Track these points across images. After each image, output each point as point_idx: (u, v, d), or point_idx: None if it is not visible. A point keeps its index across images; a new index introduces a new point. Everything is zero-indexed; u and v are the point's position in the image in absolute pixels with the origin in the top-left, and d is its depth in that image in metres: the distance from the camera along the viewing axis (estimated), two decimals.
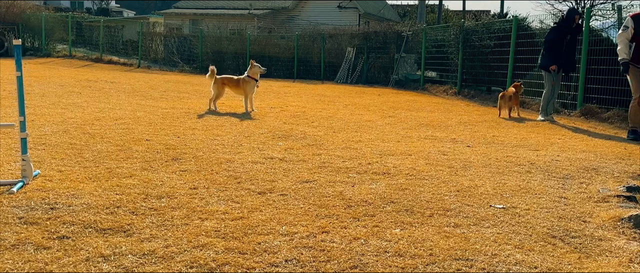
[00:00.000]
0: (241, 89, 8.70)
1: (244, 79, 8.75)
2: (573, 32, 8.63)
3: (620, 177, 4.54)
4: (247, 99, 8.62)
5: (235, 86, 8.79)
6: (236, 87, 8.78)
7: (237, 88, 8.77)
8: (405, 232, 3.05)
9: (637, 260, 2.74)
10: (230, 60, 22.27)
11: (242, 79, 8.80)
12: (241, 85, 8.70)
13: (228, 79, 8.92)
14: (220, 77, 8.89)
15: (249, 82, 8.70)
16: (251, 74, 8.75)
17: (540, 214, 3.43)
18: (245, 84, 8.68)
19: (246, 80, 8.72)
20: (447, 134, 6.86)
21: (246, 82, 8.70)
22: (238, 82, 8.76)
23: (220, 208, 3.35)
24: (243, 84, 8.70)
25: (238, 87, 8.75)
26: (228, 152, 5.13)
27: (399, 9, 37.35)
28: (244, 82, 8.71)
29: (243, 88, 8.68)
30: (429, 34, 16.46)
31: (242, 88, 8.69)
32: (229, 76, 9.24)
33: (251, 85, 8.71)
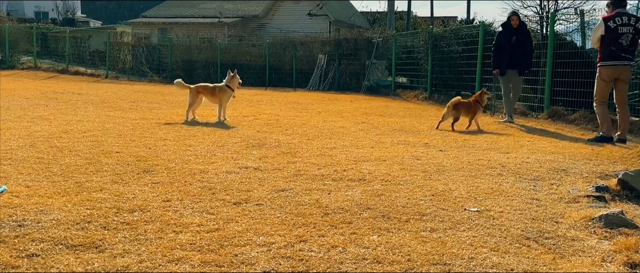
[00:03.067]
0: (217, 97, 8.59)
1: (221, 88, 8.64)
2: (519, 33, 8.93)
3: (589, 178, 4.66)
4: (222, 108, 8.52)
5: (211, 94, 8.67)
6: (212, 96, 8.66)
7: (212, 96, 8.66)
8: (382, 238, 3.05)
9: (610, 259, 2.80)
10: (201, 69, 22.07)
11: (219, 87, 8.69)
12: (217, 94, 8.59)
13: (203, 87, 8.79)
14: (196, 86, 8.74)
15: (226, 91, 8.60)
16: (229, 84, 8.64)
17: (513, 216, 3.48)
18: (221, 93, 8.58)
19: (223, 89, 8.62)
20: (420, 139, 6.92)
21: (223, 91, 8.59)
22: (214, 90, 8.65)
23: (195, 221, 3.29)
24: (219, 92, 8.59)
25: (214, 96, 8.63)
26: (201, 162, 5.06)
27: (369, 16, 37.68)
28: (220, 91, 8.60)
29: (219, 96, 8.57)
30: (399, 40, 16.65)
31: (217, 96, 8.58)
32: (204, 84, 9.09)
33: (228, 94, 8.61)
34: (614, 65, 6.92)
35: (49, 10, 53.50)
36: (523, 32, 9.15)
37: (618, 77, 6.96)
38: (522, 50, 8.98)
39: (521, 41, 9.00)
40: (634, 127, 7.83)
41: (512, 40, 8.94)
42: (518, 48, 8.93)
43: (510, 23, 9.07)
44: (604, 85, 7.00)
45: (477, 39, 11.99)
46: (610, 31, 6.82)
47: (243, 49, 22.63)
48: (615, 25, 6.80)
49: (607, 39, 6.84)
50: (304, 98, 14.45)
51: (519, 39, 8.98)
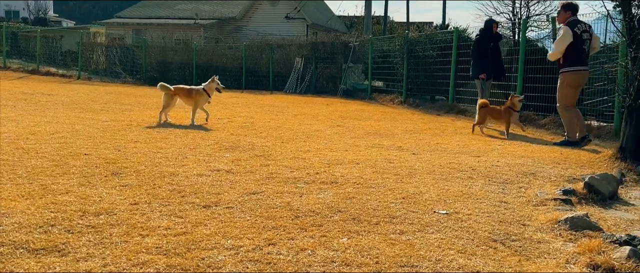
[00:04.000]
0: (192, 99, 8.47)
1: (198, 91, 8.53)
2: (495, 40, 9.14)
3: (556, 181, 4.75)
4: (195, 111, 8.42)
5: (186, 96, 8.53)
6: (187, 98, 8.53)
7: (188, 98, 8.52)
8: (352, 240, 3.05)
9: (573, 261, 2.85)
10: (175, 71, 21.84)
11: (196, 90, 8.57)
12: (193, 96, 8.47)
13: (180, 89, 8.66)
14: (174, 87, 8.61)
15: (202, 94, 8.48)
16: (207, 88, 8.52)
17: (482, 219, 3.52)
18: (197, 96, 8.46)
19: (200, 92, 8.50)
20: (394, 142, 6.97)
21: (199, 94, 8.47)
22: (190, 93, 8.53)
23: (162, 224, 3.24)
24: (196, 95, 8.48)
25: (189, 98, 8.51)
26: (172, 165, 4.99)
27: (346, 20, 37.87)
28: (196, 94, 8.48)
29: (195, 99, 8.45)
30: (375, 44, 16.76)
31: (193, 99, 8.46)
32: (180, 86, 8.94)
33: (204, 98, 8.49)
34: (582, 71, 7.11)
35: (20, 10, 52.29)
36: (498, 39, 9.38)
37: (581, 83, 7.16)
38: (498, 56, 9.19)
39: (496, 48, 9.20)
40: (602, 132, 8.03)
41: (489, 46, 9.11)
42: (494, 54, 9.13)
43: (490, 29, 9.20)
44: (572, 91, 7.16)
45: (451, 44, 12.14)
46: (576, 37, 6.98)
47: (219, 50, 22.47)
48: (580, 32, 6.99)
49: (574, 46, 6.98)
50: (280, 101, 14.41)
51: (495, 46, 9.18)
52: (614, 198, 4.35)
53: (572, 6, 7.19)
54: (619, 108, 7.60)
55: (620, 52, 7.54)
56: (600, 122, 8.64)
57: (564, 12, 7.22)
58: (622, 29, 6.18)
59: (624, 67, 6.22)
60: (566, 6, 7.24)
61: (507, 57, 10.76)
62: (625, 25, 5.80)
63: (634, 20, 5.67)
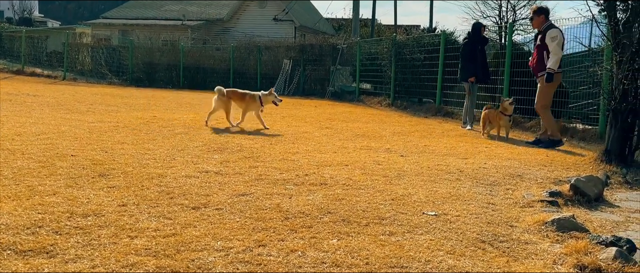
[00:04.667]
0: (244, 102, 8.34)
1: (252, 96, 8.39)
2: (481, 43, 9.27)
3: (543, 183, 4.81)
4: (244, 115, 8.29)
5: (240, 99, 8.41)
6: (240, 101, 8.41)
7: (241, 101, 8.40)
8: (342, 242, 3.06)
9: (561, 262, 2.89)
10: (162, 72, 21.72)
11: (250, 94, 8.43)
12: (246, 100, 8.34)
13: (233, 92, 8.54)
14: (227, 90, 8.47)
15: (255, 101, 8.33)
16: (263, 98, 8.37)
17: (470, 220, 3.55)
18: (250, 100, 8.33)
19: (254, 97, 8.35)
20: (382, 144, 6.99)
21: (253, 100, 8.33)
22: (244, 96, 8.42)
23: (151, 225, 3.22)
24: (249, 99, 8.34)
25: (242, 101, 8.38)
26: (160, 166, 4.96)
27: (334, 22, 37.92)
28: (250, 98, 8.34)
29: (247, 102, 8.32)
30: (363, 47, 16.82)
31: (245, 102, 8.33)
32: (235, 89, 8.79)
33: (255, 105, 8.35)
34: (560, 72, 7.41)
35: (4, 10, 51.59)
36: (484, 42, 9.50)
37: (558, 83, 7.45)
38: (484, 59, 9.31)
39: (483, 51, 9.32)
40: (587, 134, 8.14)
41: (478, 49, 9.20)
42: (481, 58, 9.23)
43: (478, 32, 9.29)
44: (552, 92, 7.40)
45: (438, 48, 12.22)
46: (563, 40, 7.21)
47: (207, 52, 22.37)
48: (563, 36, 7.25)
49: None
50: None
51: (482, 50, 9.29)
52: (600, 200, 4.41)
53: (545, 10, 7.45)
54: (604, 111, 7.73)
55: (606, 56, 7.67)
56: (586, 125, 8.76)
57: (538, 16, 7.40)
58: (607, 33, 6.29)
59: (609, 71, 6.32)
60: (539, 10, 7.44)
61: (493, 61, 10.87)
62: (611, 29, 5.90)
63: (619, 24, 5.77)
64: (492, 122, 8.24)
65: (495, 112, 8.22)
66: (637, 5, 5.57)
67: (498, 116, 8.04)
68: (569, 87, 9.70)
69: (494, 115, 8.18)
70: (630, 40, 5.54)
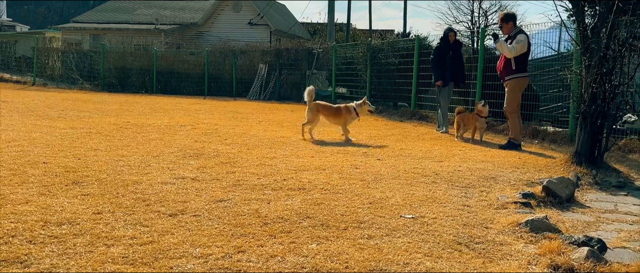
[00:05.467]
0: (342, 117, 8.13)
1: (347, 108, 8.19)
2: (454, 48, 9.47)
3: (516, 185, 4.91)
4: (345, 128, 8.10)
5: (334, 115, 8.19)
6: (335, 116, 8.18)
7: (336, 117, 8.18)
8: (321, 246, 3.07)
9: (535, 262, 2.96)
10: (135, 77, 21.42)
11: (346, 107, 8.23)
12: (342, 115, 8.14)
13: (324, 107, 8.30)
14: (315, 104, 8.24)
15: (351, 112, 8.14)
16: (359, 110, 8.17)
17: (446, 222, 3.61)
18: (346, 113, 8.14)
19: (350, 110, 8.16)
20: (359, 148, 7.04)
21: (348, 112, 8.14)
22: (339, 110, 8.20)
23: (127, 233, 3.17)
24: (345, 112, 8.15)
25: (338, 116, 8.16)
26: (135, 173, 4.89)
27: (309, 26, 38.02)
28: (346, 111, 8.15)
29: (343, 117, 8.14)
30: (339, 51, 16.91)
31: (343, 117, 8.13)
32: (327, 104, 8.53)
33: (352, 116, 8.17)
34: (527, 76, 7.67)
35: None
36: (458, 46, 9.69)
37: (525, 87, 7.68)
38: (458, 63, 9.50)
39: (456, 55, 9.50)
40: (558, 137, 8.34)
41: (449, 54, 9.40)
42: (454, 62, 9.43)
43: (447, 38, 9.52)
44: (520, 95, 7.62)
45: (412, 52, 12.37)
46: (529, 46, 7.51)
47: (181, 56, 22.15)
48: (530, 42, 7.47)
49: (526, 53, 7.50)
50: (244, 107, 14.33)
51: (455, 53, 9.48)
52: (571, 201, 4.53)
53: (512, 16, 7.74)
54: (573, 114, 7.94)
55: (575, 60, 7.89)
56: (556, 127, 8.98)
57: (507, 23, 7.63)
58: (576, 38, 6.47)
59: (578, 75, 6.50)
60: (507, 18, 7.69)
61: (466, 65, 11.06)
62: (579, 34, 6.07)
63: (587, 29, 5.95)
64: (467, 124, 8.38)
65: (470, 115, 8.36)
66: (605, 11, 5.75)
67: (473, 118, 8.18)
68: (540, 90, 9.93)
69: (468, 118, 8.32)
70: (598, 45, 5.71)
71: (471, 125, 8.25)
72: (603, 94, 5.71)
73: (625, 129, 7.82)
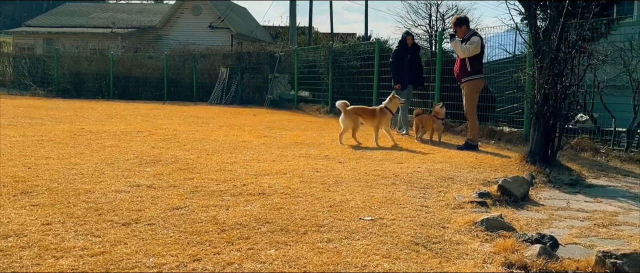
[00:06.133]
0: (376, 119, 8.06)
1: (381, 110, 8.12)
2: (413, 51, 9.64)
3: (473, 185, 5.00)
4: (377, 131, 8.05)
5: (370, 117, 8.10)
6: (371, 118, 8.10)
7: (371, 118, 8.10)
8: (280, 251, 3.04)
9: (490, 261, 3.01)
10: (91, 82, 20.85)
11: (380, 109, 8.16)
12: (377, 116, 8.07)
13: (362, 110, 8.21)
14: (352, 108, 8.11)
15: (385, 113, 8.08)
16: (390, 106, 8.12)
17: (405, 223, 3.63)
18: (381, 115, 8.07)
19: (384, 111, 8.10)
20: (321, 152, 7.03)
21: (383, 113, 8.08)
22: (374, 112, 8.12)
23: (77, 244, 3.06)
24: (379, 114, 8.07)
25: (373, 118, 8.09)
26: (88, 181, 4.73)
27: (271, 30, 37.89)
28: (380, 113, 8.08)
29: (379, 118, 8.05)
30: (301, 55, 16.90)
31: (377, 118, 8.06)
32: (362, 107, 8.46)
33: (387, 117, 8.11)
34: (483, 78, 7.89)
35: None
36: (416, 49, 9.85)
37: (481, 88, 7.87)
38: (416, 66, 9.65)
39: (415, 58, 9.65)
40: (513, 137, 8.57)
41: (407, 57, 9.54)
42: (412, 64, 9.57)
43: (405, 42, 9.66)
44: (477, 97, 7.78)
45: (373, 55, 12.49)
46: (482, 48, 7.71)
47: (138, 60, 21.69)
48: (484, 44, 7.65)
49: (480, 55, 7.69)
50: (204, 112, 14.13)
51: (414, 56, 9.63)
52: (525, 199, 4.64)
53: (464, 20, 7.96)
54: (527, 114, 8.17)
55: (528, 62, 8.12)
56: (512, 127, 9.23)
57: (460, 27, 7.81)
58: (529, 41, 6.66)
59: (531, 76, 6.69)
60: (459, 22, 7.89)
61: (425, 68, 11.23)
62: (532, 37, 6.25)
63: (539, 32, 6.13)
64: (425, 126, 8.51)
65: (428, 117, 8.50)
66: (555, 14, 5.94)
67: (431, 120, 8.33)
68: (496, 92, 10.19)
69: (426, 120, 8.47)
70: (550, 47, 5.89)
71: (429, 127, 8.41)
72: (555, 94, 5.88)
73: (577, 128, 8.10)
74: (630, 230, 3.77)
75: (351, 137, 8.01)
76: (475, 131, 7.75)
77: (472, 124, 7.77)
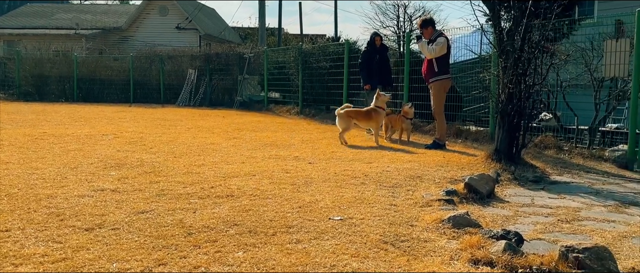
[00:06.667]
0: (373, 121, 8.09)
1: (375, 111, 8.11)
2: (381, 52, 9.73)
3: (440, 183, 5.06)
4: (377, 132, 8.11)
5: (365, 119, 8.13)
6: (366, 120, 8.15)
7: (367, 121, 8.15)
8: (248, 254, 3.00)
9: (457, 257, 3.04)
10: (54, 85, 20.30)
11: (374, 110, 8.13)
12: (373, 117, 8.07)
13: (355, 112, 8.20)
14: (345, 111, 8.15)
15: (379, 113, 8.09)
16: (379, 104, 8.11)
17: (373, 222, 3.65)
18: (376, 116, 8.07)
19: (377, 111, 8.09)
20: (291, 152, 7.01)
21: (377, 114, 8.08)
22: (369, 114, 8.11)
23: (38, 251, 2.95)
24: (374, 115, 8.08)
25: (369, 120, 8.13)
26: (49, 186, 4.58)
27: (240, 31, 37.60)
28: (375, 114, 8.08)
29: (375, 120, 8.07)
30: (270, 56, 16.83)
31: (374, 120, 8.08)
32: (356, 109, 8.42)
33: (381, 116, 8.12)
34: (451, 78, 8.03)
35: None
36: (384, 50, 9.92)
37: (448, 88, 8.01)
38: (384, 67, 9.73)
39: (383, 59, 9.72)
40: (480, 135, 8.72)
41: (375, 58, 9.60)
42: (381, 65, 9.64)
43: (374, 42, 9.72)
44: (444, 96, 7.89)
45: (343, 56, 12.54)
46: (449, 49, 7.83)
47: (103, 62, 21.22)
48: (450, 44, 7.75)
49: (447, 56, 7.79)
50: (172, 114, 13.91)
51: (382, 57, 9.70)
52: (491, 197, 4.72)
53: (430, 21, 8.06)
54: (493, 113, 8.33)
55: (493, 62, 8.28)
56: (478, 126, 9.40)
57: (426, 28, 7.92)
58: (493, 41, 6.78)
59: (496, 76, 6.82)
60: (425, 23, 8.00)
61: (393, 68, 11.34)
62: (496, 38, 6.38)
63: (503, 32, 6.26)
64: (394, 126, 8.60)
65: (396, 117, 8.59)
66: (519, 15, 6.07)
67: (400, 120, 8.42)
68: (462, 91, 10.35)
69: (395, 120, 8.55)
70: (513, 47, 6.02)
71: (398, 126, 8.50)
72: (519, 93, 6.01)
73: (541, 126, 8.31)
74: (592, 225, 3.88)
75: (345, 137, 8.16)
76: (442, 130, 7.86)
77: (439, 123, 7.88)
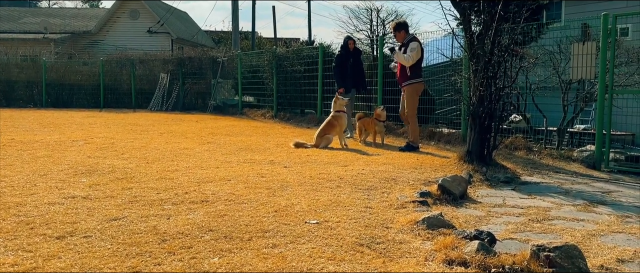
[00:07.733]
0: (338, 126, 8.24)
1: (337, 116, 8.26)
2: (354, 55, 9.81)
3: (415, 185, 5.12)
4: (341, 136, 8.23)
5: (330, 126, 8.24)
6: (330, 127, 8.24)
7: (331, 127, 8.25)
8: (224, 259, 2.98)
9: (431, 258, 3.08)
10: (22, 90, 19.81)
11: (335, 116, 8.27)
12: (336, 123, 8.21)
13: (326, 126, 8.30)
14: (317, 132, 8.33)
15: (342, 117, 8.26)
16: (337, 108, 8.31)
17: (349, 225, 3.67)
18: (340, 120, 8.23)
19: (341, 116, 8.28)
20: (266, 157, 6.99)
21: (341, 118, 8.25)
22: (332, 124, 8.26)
23: (7, 261, 2.87)
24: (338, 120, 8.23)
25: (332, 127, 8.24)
26: (18, 194, 4.47)
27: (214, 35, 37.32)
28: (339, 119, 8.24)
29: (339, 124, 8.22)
30: (244, 59, 16.76)
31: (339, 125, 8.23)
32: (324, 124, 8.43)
33: (344, 119, 8.27)
34: (423, 81, 8.10)
35: None
36: (357, 54, 9.98)
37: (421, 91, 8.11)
38: (358, 70, 9.79)
39: (357, 63, 9.78)
40: (452, 137, 8.86)
41: (349, 61, 9.66)
42: (355, 69, 9.70)
43: (347, 46, 9.78)
44: (417, 99, 8.00)
45: (317, 60, 12.57)
46: (422, 52, 7.91)
47: (73, 67, 20.79)
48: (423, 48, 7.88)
49: (420, 59, 7.88)
50: (144, 119, 13.71)
51: (356, 61, 9.76)
52: (464, 198, 4.80)
53: (403, 25, 8.14)
54: (464, 116, 8.47)
55: (464, 66, 8.43)
56: (450, 129, 9.54)
57: (399, 32, 8.02)
58: (464, 45, 6.91)
59: (467, 79, 6.95)
60: (398, 27, 8.10)
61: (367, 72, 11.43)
62: (467, 41, 6.50)
63: (473, 36, 6.38)
64: (368, 129, 8.66)
65: (369, 120, 8.66)
66: (488, 19, 6.20)
67: (373, 123, 8.49)
68: (435, 94, 10.50)
69: (368, 123, 8.62)
70: (483, 51, 6.14)
71: (372, 129, 8.56)
72: (489, 96, 6.13)
73: (511, 128, 8.48)
74: (562, 224, 3.98)
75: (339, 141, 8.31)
76: (416, 133, 7.95)
77: (412, 126, 7.96)
